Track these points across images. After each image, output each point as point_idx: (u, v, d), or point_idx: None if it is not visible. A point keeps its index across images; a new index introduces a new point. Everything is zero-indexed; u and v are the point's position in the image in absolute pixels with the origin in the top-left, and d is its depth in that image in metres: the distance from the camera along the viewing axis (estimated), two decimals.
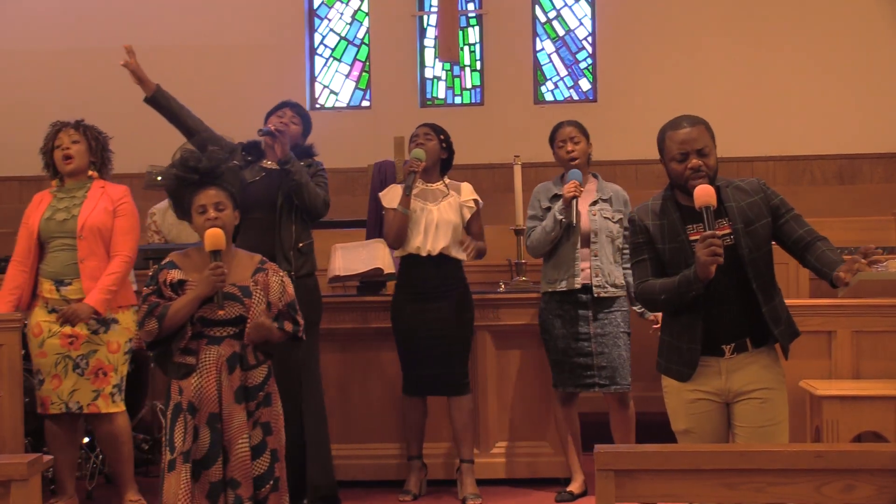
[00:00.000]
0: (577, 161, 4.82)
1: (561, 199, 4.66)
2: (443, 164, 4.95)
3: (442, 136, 4.92)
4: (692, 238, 3.27)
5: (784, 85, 8.93)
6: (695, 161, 3.26)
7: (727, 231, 3.26)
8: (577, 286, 4.69)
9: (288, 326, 3.68)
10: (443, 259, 4.78)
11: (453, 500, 4.83)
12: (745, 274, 3.24)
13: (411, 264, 4.82)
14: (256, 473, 3.56)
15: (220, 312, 3.55)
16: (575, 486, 4.83)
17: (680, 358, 3.33)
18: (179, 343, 3.56)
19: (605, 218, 4.76)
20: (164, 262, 3.68)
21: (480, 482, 4.92)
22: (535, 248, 4.78)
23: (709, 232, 3.13)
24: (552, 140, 4.92)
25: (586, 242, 4.72)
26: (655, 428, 5.17)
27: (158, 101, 4.60)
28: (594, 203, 4.78)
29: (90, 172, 4.68)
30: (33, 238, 4.59)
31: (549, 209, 4.77)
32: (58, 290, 4.54)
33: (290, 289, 3.74)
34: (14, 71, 9.45)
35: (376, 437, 5.16)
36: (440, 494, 4.93)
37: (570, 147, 4.83)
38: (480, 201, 4.93)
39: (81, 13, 9.46)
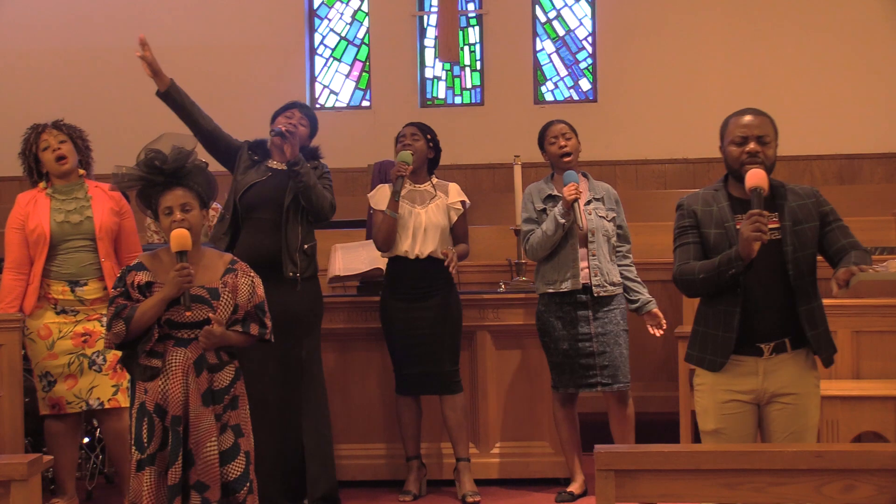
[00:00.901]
0: (569, 157, 4.80)
1: (561, 202, 4.65)
2: (430, 164, 4.95)
3: (429, 136, 4.91)
4: (739, 227, 3.23)
5: (784, 85, 8.93)
6: (753, 146, 3.25)
7: (776, 225, 3.25)
8: (578, 287, 4.68)
9: (254, 329, 3.64)
10: (430, 261, 4.78)
11: (453, 500, 4.83)
12: (786, 272, 3.23)
13: (399, 266, 4.82)
14: (232, 477, 3.53)
15: (188, 314, 3.50)
16: (575, 487, 4.83)
17: (714, 346, 3.29)
18: (145, 345, 3.53)
19: (599, 217, 4.76)
20: (132, 264, 3.66)
21: (480, 482, 4.91)
22: (534, 251, 4.76)
23: (755, 210, 3.12)
24: (542, 138, 4.90)
25: (584, 242, 4.72)
26: (655, 428, 5.19)
27: (172, 95, 4.57)
28: (588, 202, 4.77)
29: (80, 171, 4.68)
30: (43, 243, 4.51)
31: (543, 210, 4.76)
32: (72, 291, 4.52)
33: (260, 290, 3.70)
34: (13, 71, 9.46)
35: (376, 437, 5.15)
36: (440, 494, 4.93)
37: (562, 142, 4.82)
38: (467, 202, 4.92)
39: (81, 13, 9.47)
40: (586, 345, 4.69)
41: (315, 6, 9.79)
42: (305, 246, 4.57)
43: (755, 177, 3.17)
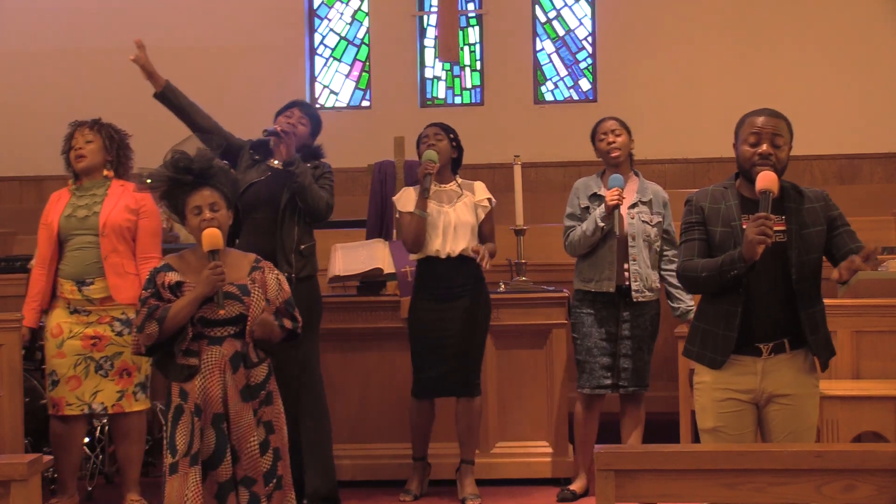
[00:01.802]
0: (618, 153, 4.79)
1: (602, 205, 4.62)
2: (453, 163, 4.94)
3: (451, 136, 4.89)
4: (746, 227, 3.23)
5: (784, 85, 8.93)
6: (766, 147, 3.25)
7: (782, 228, 3.25)
8: (612, 290, 4.66)
9: (287, 324, 3.69)
10: (462, 260, 4.75)
11: (454, 500, 4.83)
12: (790, 275, 3.23)
13: (431, 266, 4.78)
14: (262, 472, 3.56)
15: (221, 312, 3.54)
16: (577, 486, 4.83)
17: (715, 344, 3.29)
18: (181, 345, 3.55)
19: (643, 221, 4.72)
20: (159, 266, 3.68)
21: (481, 482, 4.91)
22: (573, 248, 4.75)
23: (762, 213, 3.12)
24: (594, 135, 4.89)
25: (623, 246, 4.69)
26: (655, 428, 5.19)
27: (168, 96, 4.58)
28: (633, 206, 4.74)
29: (105, 172, 4.66)
30: (53, 238, 4.54)
31: (587, 208, 4.75)
32: (79, 291, 4.51)
33: (286, 286, 3.75)
34: (14, 71, 9.46)
35: (376, 437, 5.15)
36: (441, 495, 4.93)
37: (611, 139, 4.81)
38: (494, 200, 4.90)
39: (81, 13, 9.47)
40: (611, 345, 4.69)
41: (315, 6, 9.79)
42: (302, 246, 4.57)
43: (766, 179, 3.17)
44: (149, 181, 3.71)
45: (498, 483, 5.03)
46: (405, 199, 4.83)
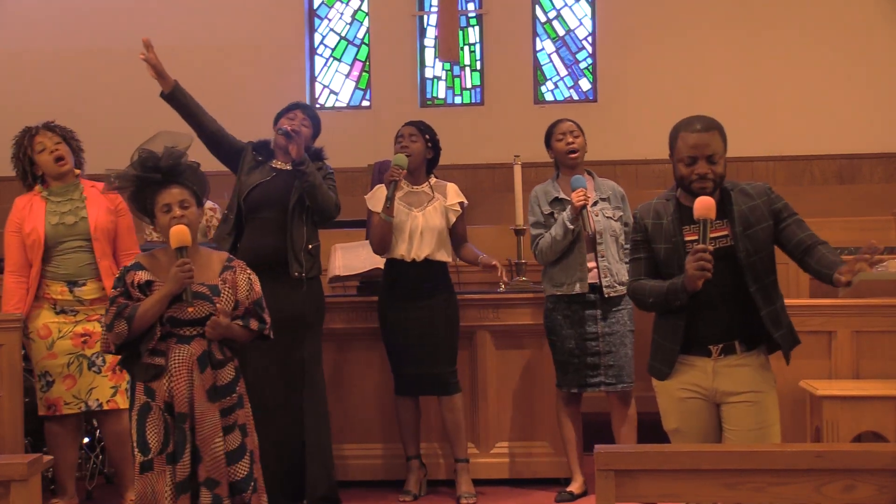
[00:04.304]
0: (576, 154, 4.82)
1: (569, 208, 4.64)
2: (429, 164, 4.93)
3: (427, 136, 4.88)
4: (688, 238, 3.28)
5: (784, 85, 8.93)
6: (703, 168, 3.26)
7: (725, 232, 3.28)
8: (586, 290, 4.68)
9: (254, 325, 3.67)
10: (427, 263, 4.77)
11: (453, 500, 4.83)
12: (742, 277, 3.25)
13: (396, 268, 4.81)
14: (239, 477, 3.54)
15: (190, 310, 3.52)
16: (575, 487, 4.83)
17: (662, 356, 3.38)
18: (148, 344, 3.53)
19: (606, 217, 4.76)
20: (129, 264, 3.66)
21: (480, 482, 4.92)
22: (544, 255, 4.76)
23: (700, 245, 3.15)
24: (549, 136, 4.90)
25: (592, 244, 4.71)
26: (656, 428, 5.18)
27: (176, 97, 4.57)
28: (594, 203, 4.77)
29: (76, 171, 4.67)
30: (38, 246, 4.52)
31: (551, 214, 4.76)
32: (71, 292, 4.52)
33: (258, 286, 3.73)
34: (12, 71, 9.45)
35: (376, 437, 5.15)
36: (440, 495, 4.93)
37: (570, 139, 4.83)
38: (465, 202, 4.91)
39: (81, 13, 9.47)
40: (592, 344, 4.70)
41: (315, 6, 9.79)
42: (310, 246, 4.57)
43: (702, 207, 3.18)
44: (117, 181, 3.69)
45: (498, 483, 5.04)
46: (376, 199, 4.85)
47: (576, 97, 9.55)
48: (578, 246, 4.70)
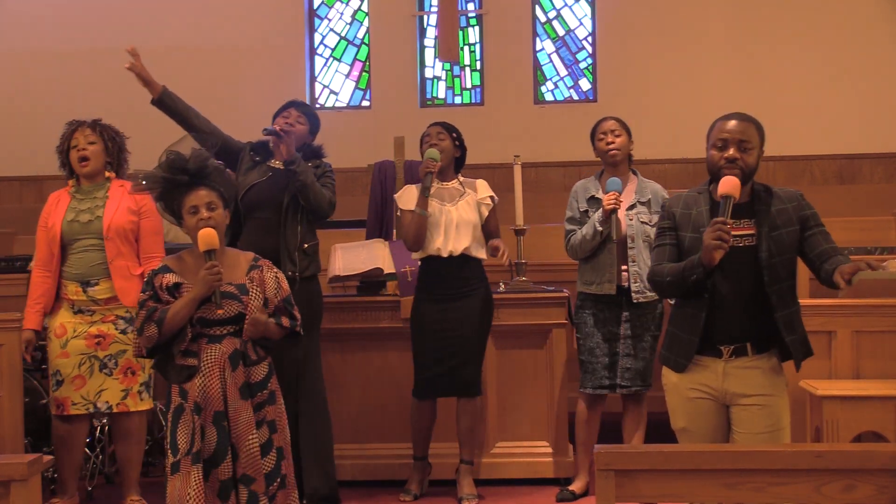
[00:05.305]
0: (616, 153, 4.81)
1: (600, 209, 4.63)
2: (456, 162, 4.93)
3: (454, 135, 4.89)
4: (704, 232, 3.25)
5: (784, 85, 8.94)
6: (732, 151, 3.26)
7: (751, 231, 3.27)
8: (613, 292, 4.68)
9: (285, 322, 3.70)
10: (465, 259, 4.75)
11: (454, 500, 4.83)
12: (760, 278, 3.24)
13: (433, 265, 4.77)
14: (265, 471, 3.57)
15: (220, 311, 3.55)
16: (577, 486, 4.83)
17: (679, 348, 3.35)
18: (180, 345, 3.55)
19: (642, 222, 4.72)
20: (157, 267, 3.68)
21: (481, 482, 4.91)
22: (574, 252, 4.78)
23: (720, 218, 3.13)
24: (593, 134, 4.91)
25: (623, 247, 4.70)
26: (661, 428, 5.18)
27: (165, 102, 4.59)
28: (632, 207, 4.74)
29: (107, 173, 4.66)
30: (56, 241, 4.53)
31: (586, 212, 4.76)
32: (84, 291, 4.51)
33: (285, 284, 3.76)
34: (14, 71, 9.46)
35: (376, 437, 5.15)
36: (441, 495, 4.93)
37: (610, 139, 4.83)
38: (496, 198, 4.90)
39: (81, 14, 9.47)
40: (613, 345, 4.70)
41: (315, 6, 9.79)
42: (305, 245, 4.57)
43: (726, 185, 3.18)
44: (144, 182, 3.71)
45: (498, 483, 5.04)
46: (406, 198, 4.83)
47: (576, 97, 9.55)
48: (609, 247, 4.68)
